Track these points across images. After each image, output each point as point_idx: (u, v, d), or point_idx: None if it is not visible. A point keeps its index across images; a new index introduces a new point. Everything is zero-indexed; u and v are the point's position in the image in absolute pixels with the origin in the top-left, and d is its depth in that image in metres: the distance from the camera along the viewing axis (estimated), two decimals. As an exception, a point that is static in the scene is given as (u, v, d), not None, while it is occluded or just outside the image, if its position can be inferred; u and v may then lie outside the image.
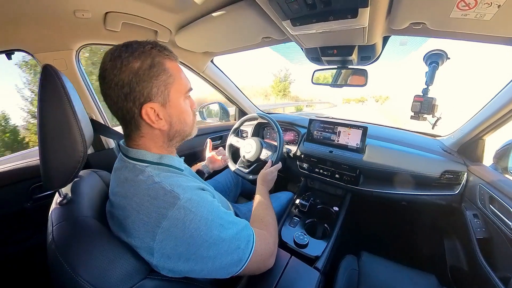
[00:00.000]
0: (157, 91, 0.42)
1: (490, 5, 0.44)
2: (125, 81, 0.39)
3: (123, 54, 0.40)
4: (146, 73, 0.40)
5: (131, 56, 0.40)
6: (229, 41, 0.96)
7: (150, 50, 0.41)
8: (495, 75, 26.20)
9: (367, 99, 42.21)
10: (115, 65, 0.39)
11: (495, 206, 0.73)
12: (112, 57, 0.40)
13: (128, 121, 0.43)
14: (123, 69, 0.39)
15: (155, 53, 0.42)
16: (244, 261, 0.43)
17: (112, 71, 0.39)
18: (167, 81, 0.43)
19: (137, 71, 0.40)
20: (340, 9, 0.54)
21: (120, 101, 0.41)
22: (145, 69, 0.40)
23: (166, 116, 0.45)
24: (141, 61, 0.40)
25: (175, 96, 0.45)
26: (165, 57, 0.43)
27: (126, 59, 0.39)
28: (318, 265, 0.75)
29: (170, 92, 0.44)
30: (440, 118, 0.76)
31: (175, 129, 0.47)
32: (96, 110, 0.95)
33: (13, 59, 0.77)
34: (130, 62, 0.39)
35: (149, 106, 0.41)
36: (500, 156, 0.82)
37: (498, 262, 0.71)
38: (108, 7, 0.69)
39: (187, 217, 0.38)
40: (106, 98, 0.42)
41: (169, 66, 0.43)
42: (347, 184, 1.06)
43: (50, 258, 0.38)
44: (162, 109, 0.43)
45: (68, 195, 0.49)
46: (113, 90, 0.40)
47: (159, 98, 0.42)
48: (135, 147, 0.46)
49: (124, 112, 0.42)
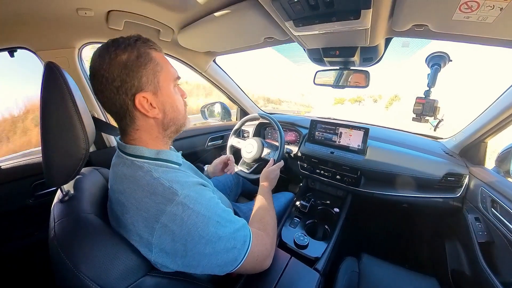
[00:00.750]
0: (147, 79, 0.43)
1: (492, 7, 0.44)
2: (115, 75, 0.40)
3: (110, 49, 0.41)
4: (134, 64, 0.41)
5: (117, 49, 0.41)
6: (231, 41, 0.96)
7: (135, 42, 0.42)
8: (497, 78, 26.07)
9: (364, 99, 38.43)
10: (104, 60, 0.40)
11: (497, 209, 0.72)
12: (100, 53, 0.41)
13: (122, 115, 0.44)
14: (112, 63, 0.40)
15: (140, 44, 0.43)
16: (239, 261, 0.44)
17: (102, 66, 0.40)
18: (155, 69, 0.44)
19: (125, 63, 0.40)
20: (342, 10, 0.54)
21: (113, 95, 0.41)
22: (133, 60, 0.41)
23: (159, 104, 0.45)
24: (128, 52, 0.41)
25: (165, 83, 0.46)
26: (150, 48, 0.44)
27: (113, 52, 0.40)
28: (318, 266, 0.75)
29: (160, 80, 0.45)
30: (442, 120, 0.76)
31: (169, 117, 0.48)
32: (98, 108, 0.96)
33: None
34: (118, 55, 0.40)
35: (142, 95, 0.42)
36: (502, 159, 0.82)
37: (500, 267, 0.70)
38: (110, 5, 0.70)
39: (184, 213, 0.39)
40: (99, 94, 0.43)
41: (155, 55, 0.44)
42: (348, 185, 1.06)
43: (52, 254, 0.39)
44: (154, 97, 0.44)
45: (70, 192, 0.49)
46: (105, 86, 0.41)
47: (150, 86, 0.43)
48: (132, 142, 0.47)
49: (118, 106, 0.43)
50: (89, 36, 0.84)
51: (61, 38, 0.79)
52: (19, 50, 0.76)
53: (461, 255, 0.89)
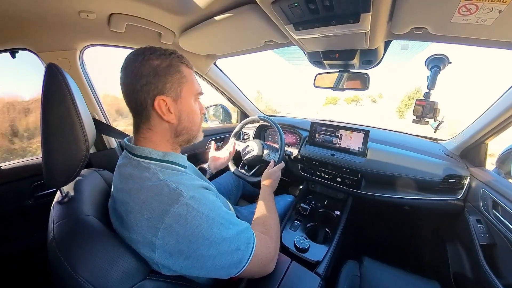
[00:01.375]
0: (171, 86, 0.46)
1: (491, 10, 0.44)
2: (143, 73, 0.43)
3: (146, 52, 0.45)
4: (163, 70, 0.45)
5: (152, 54, 0.45)
6: (232, 44, 0.97)
7: (170, 55, 0.47)
8: (497, 79, 25.72)
9: (362, 99, 34.92)
10: (137, 59, 0.44)
11: (498, 211, 0.72)
12: (136, 53, 0.45)
13: (140, 111, 0.46)
14: (143, 63, 0.44)
15: (173, 57, 0.47)
16: (244, 263, 0.43)
17: (134, 63, 0.44)
18: (181, 80, 0.47)
19: (155, 67, 0.44)
20: (342, 14, 0.54)
21: (136, 91, 0.44)
22: (163, 67, 0.45)
23: (176, 111, 0.48)
24: (161, 60, 0.45)
25: (186, 94, 0.49)
26: (182, 63, 0.48)
27: (147, 56, 0.44)
28: (319, 270, 0.74)
29: (182, 90, 0.48)
30: (442, 122, 0.76)
31: (183, 125, 0.50)
32: (99, 110, 0.96)
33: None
34: (151, 59, 0.44)
35: (162, 98, 0.45)
36: (503, 160, 0.82)
37: (503, 269, 0.69)
38: (112, 8, 0.70)
39: (189, 214, 0.39)
40: (124, 87, 0.46)
41: (184, 69, 0.48)
42: (348, 188, 1.05)
43: (50, 256, 0.38)
44: (173, 104, 0.47)
45: (69, 193, 0.49)
46: (131, 80, 0.44)
47: (172, 93, 0.46)
48: (142, 140, 0.48)
49: (138, 102, 0.45)
50: (90, 39, 0.85)
51: (62, 40, 0.79)
52: (21, 51, 0.76)
53: (463, 257, 0.88)
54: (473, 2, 0.43)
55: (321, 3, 0.51)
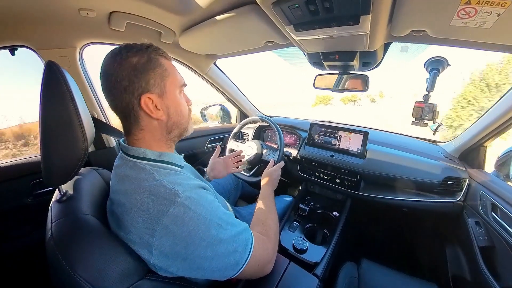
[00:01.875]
0: (154, 82, 0.44)
1: (490, 13, 0.44)
2: (124, 75, 0.42)
3: (122, 51, 0.43)
4: (143, 67, 0.43)
5: (129, 52, 0.43)
6: (232, 44, 0.97)
7: (147, 49, 0.45)
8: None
9: (360, 98, 32.11)
10: (115, 60, 0.42)
11: (497, 213, 0.72)
12: (112, 54, 0.43)
13: (128, 114, 0.45)
14: (122, 63, 0.42)
15: (151, 51, 0.45)
16: (241, 265, 0.43)
17: (112, 66, 0.42)
18: (163, 74, 0.46)
19: (135, 65, 0.43)
20: (342, 16, 0.54)
21: (120, 94, 0.43)
22: (142, 63, 0.43)
23: (164, 107, 0.47)
24: (139, 56, 0.43)
25: (171, 88, 0.47)
26: (161, 55, 0.47)
27: (125, 54, 0.43)
28: (317, 271, 0.74)
29: (166, 84, 0.46)
30: (441, 124, 0.77)
31: (172, 120, 0.49)
32: (98, 109, 0.96)
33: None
34: (129, 57, 0.43)
35: (147, 96, 0.44)
36: (502, 163, 0.82)
37: (501, 272, 0.69)
38: (113, 6, 0.70)
39: (186, 215, 0.39)
40: (107, 93, 0.44)
41: (164, 62, 0.47)
42: (347, 189, 1.05)
43: (48, 254, 0.38)
44: (160, 100, 0.46)
45: (68, 192, 0.48)
46: (113, 84, 0.42)
47: (156, 89, 0.45)
48: (136, 142, 0.47)
49: (124, 105, 0.44)
50: (90, 37, 0.85)
51: (62, 37, 0.79)
52: (20, 48, 0.76)
53: (462, 259, 0.88)
54: (472, 5, 0.43)
55: (321, 4, 0.51)
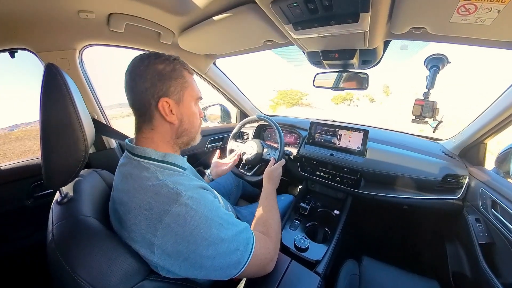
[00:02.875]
0: (174, 90, 0.48)
1: (490, 10, 0.44)
2: (148, 77, 0.46)
3: (151, 56, 0.47)
4: (167, 74, 0.47)
5: (157, 59, 0.47)
6: (231, 44, 0.97)
7: (173, 60, 0.49)
8: (496, 79, 24.95)
9: (358, 98, 25.30)
10: (142, 63, 0.46)
11: (497, 210, 0.72)
12: (141, 57, 0.47)
13: (143, 112, 0.48)
14: (149, 67, 0.46)
15: (176, 63, 0.50)
16: (243, 264, 0.43)
17: (139, 67, 0.46)
18: (183, 84, 0.50)
19: (160, 71, 0.47)
20: (341, 13, 0.54)
21: (140, 93, 0.46)
22: (167, 71, 0.48)
23: (178, 113, 0.50)
24: (165, 65, 0.48)
25: (188, 99, 0.52)
26: (185, 69, 0.51)
27: (152, 60, 0.47)
28: (318, 269, 0.74)
29: (185, 94, 0.50)
30: (441, 122, 0.77)
31: (184, 127, 0.52)
32: (99, 110, 0.96)
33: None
34: (156, 64, 0.47)
35: (165, 100, 0.47)
36: (502, 160, 0.82)
37: (501, 268, 0.70)
38: (112, 8, 0.70)
39: (188, 214, 0.39)
40: (129, 89, 0.48)
41: (186, 74, 0.51)
42: (348, 187, 1.06)
43: (49, 256, 0.38)
44: (176, 106, 0.49)
45: (69, 194, 0.49)
46: (136, 83, 0.46)
47: (175, 96, 0.49)
48: (143, 140, 0.49)
49: (142, 103, 0.47)
50: (90, 38, 0.84)
51: (62, 39, 0.79)
52: (20, 51, 0.76)
53: (462, 256, 0.88)
54: (472, 2, 0.43)
55: (320, 3, 0.51)
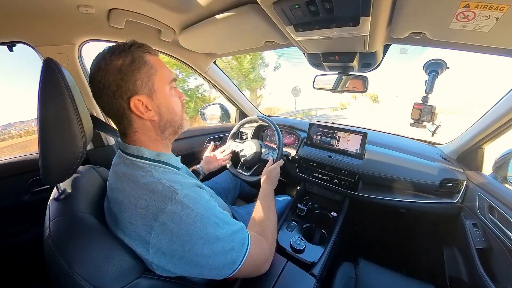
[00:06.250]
0: (141, 83, 0.44)
1: (488, 17, 0.45)
2: (110, 80, 0.41)
3: (105, 55, 0.42)
4: (128, 68, 0.42)
5: (112, 56, 0.42)
6: (232, 43, 0.97)
7: (129, 48, 0.44)
8: (495, 84, 25.13)
9: (350, 103, 24.36)
10: (100, 67, 0.42)
11: (494, 215, 0.72)
12: (97, 60, 0.43)
13: (120, 118, 0.45)
14: (107, 69, 0.42)
15: (134, 49, 0.44)
16: (238, 264, 0.43)
17: (98, 73, 0.42)
18: (149, 72, 0.45)
19: (119, 68, 0.42)
20: (342, 17, 0.55)
21: (110, 100, 0.43)
22: (127, 64, 0.42)
23: (155, 106, 0.46)
24: (122, 58, 0.42)
25: (160, 86, 0.46)
26: (145, 52, 0.45)
27: (108, 59, 0.42)
28: (314, 271, 0.74)
29: (154, 82, 0.45)
30: (439, 126, 0.77)
31: (165, 119, 0.48)
32: (97, 107, 0.95)
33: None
34: (112, 61, 0.42)
35: (136, 98, 0.43)
36: (500, 165, 0.82)
37: (498, 274, 0.70)
38: (112, 3, 0.70)
39: (183, 212, 0.39)
40: (97, 100, 0.44)
41: (149, 59, 0.45)
42: (345, 189, 1.06)
43: (46, 252, 0.38)
44: (150, 100, 0.45)
45: (66, 190, 0.48)
46: (102, 91, 0.42)
47: (145, 89, 0.44)
48: (132, 143, 0.47)
49: (115, 109, 0.44)
50: (89, 33, 0.84)
51: (61, 34, 0.78)
52: (18, 44, 0.75)
53: (459, 261, 0.88)
54: (471, 9, 0.44)
55: (321, 5, 0.51)
